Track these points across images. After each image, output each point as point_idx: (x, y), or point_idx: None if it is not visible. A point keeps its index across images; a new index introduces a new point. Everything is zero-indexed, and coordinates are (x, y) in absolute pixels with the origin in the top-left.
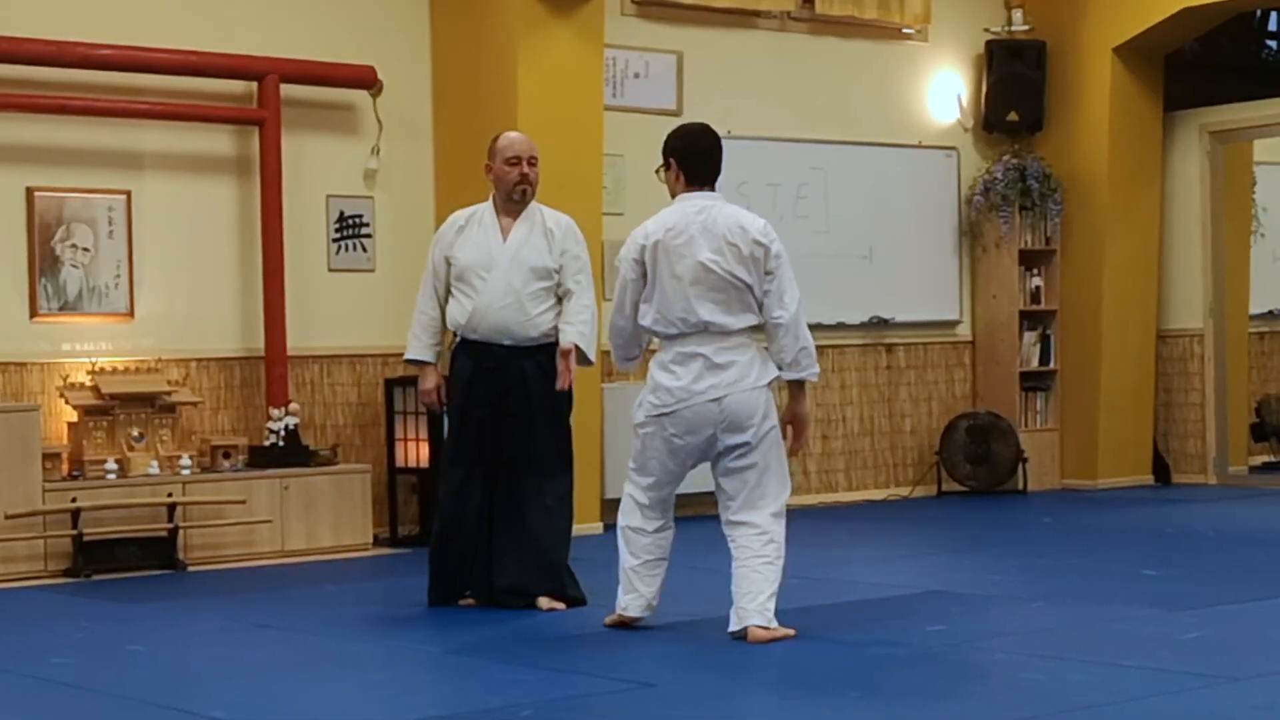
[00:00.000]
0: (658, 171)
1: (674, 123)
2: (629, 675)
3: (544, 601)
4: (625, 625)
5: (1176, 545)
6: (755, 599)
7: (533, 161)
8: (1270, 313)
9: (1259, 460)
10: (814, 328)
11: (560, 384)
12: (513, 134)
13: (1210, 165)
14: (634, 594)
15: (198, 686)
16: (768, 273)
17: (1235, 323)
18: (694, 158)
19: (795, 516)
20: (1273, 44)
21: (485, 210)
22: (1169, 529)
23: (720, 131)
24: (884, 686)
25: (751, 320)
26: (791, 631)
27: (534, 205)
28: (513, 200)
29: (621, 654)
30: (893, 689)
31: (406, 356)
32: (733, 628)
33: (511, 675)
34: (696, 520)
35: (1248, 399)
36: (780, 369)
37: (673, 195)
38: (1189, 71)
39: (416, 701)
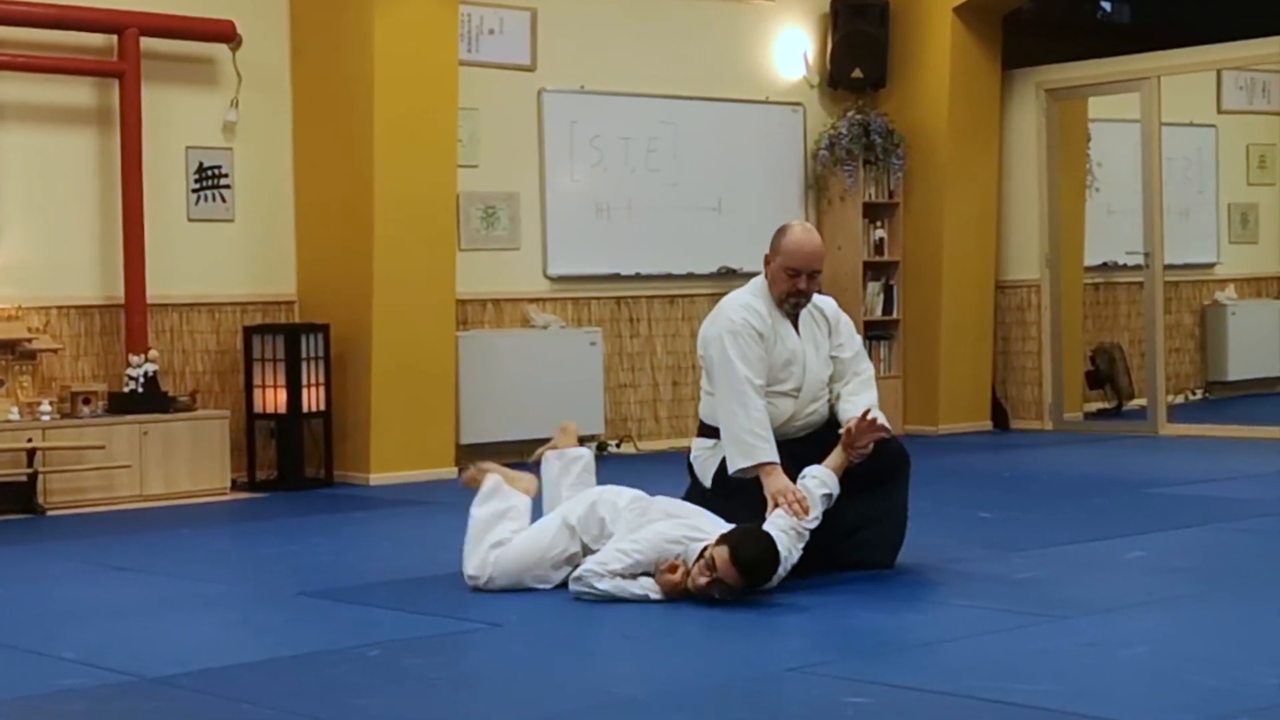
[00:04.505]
0: None
1: (529, 78)
2: (478, 616)
3: None
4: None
5: (1012, 489)
6: None
7: (814, 275)
8: (1104, 264)
9: (1093, 407)
10: (665, 278)
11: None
12: (798, 234)
13: (1046, 122)
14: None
15: (53, 628)
16: None
17: (1071, 274)
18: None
19: (646, 461)
20: (1107, 5)
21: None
22: (1006, 473)
23: (573, 87)
24: (724, 624)
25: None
26: None
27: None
28: (784, 310)
29: (472, 598)
30: (733, 627)
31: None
32: None
33: (362, 616)
34: None
35: (1083, 348)
36: None
37: None
38: (1026, 31)
39: (268, 641)
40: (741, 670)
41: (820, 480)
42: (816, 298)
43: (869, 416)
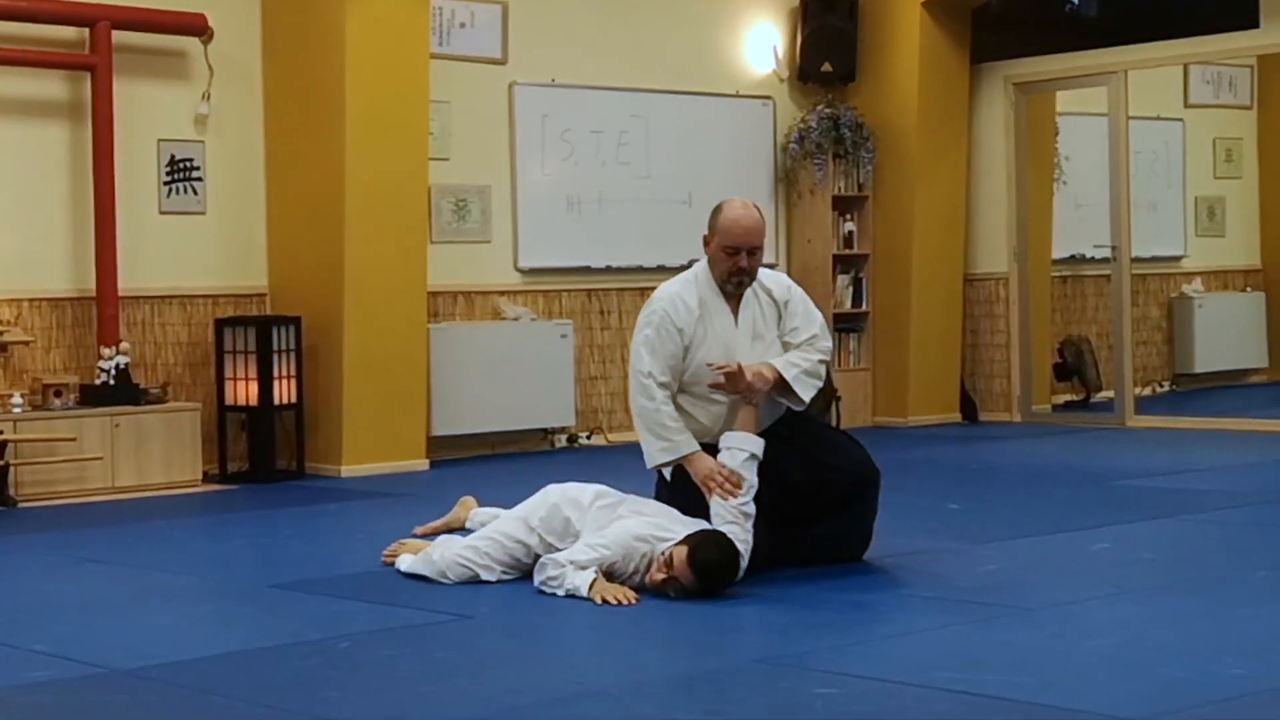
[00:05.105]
0: None
1: (500, 71)
2: (447, 608)
3: None
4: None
5: (980, 480)
6: None
7: (754, 252)
8: (1072, 257)
9: (1061, 399)
10: (635, 270)
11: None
12: (736, 210)
13: (1015, 115)
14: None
15: (23, 620)
16: None
17: (1038, 267)
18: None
19: (615, 453)
20: None
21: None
22: (974, 465)
23: (544, 80)
24: (692, 616)
25: None
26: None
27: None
28: (726, 291)
29: (442, 590)
30: (701, 619)
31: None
32: None
33: (332, 608)
34: None
35: (1050, 340)
36: None
37: None
38: (995, 25)
39: (238, 633)
40: (710, 662)
41: (738, 448)
42: (766, 278)
43: (714, 364)
